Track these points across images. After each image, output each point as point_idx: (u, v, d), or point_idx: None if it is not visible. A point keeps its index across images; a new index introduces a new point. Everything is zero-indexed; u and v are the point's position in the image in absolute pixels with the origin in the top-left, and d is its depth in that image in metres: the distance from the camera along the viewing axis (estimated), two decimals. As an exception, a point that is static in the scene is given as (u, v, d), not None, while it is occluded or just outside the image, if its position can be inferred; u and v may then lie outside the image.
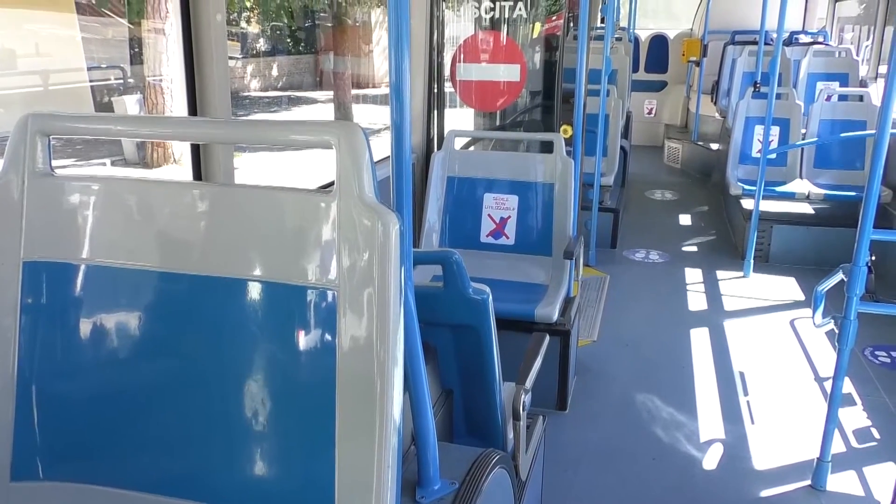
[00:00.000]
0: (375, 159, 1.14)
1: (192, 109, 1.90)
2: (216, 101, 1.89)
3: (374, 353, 1.11)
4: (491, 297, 1.80)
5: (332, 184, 1.16)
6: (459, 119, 4.53)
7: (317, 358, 1.15)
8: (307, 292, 1.15)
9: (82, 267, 1.25)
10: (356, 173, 1.11)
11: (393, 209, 1.37)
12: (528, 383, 1.83)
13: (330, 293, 1.14)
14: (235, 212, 1.19)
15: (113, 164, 9.99)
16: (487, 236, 3.29)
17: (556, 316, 2.87)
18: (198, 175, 1.91)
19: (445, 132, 3.55)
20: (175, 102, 10.03)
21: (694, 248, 5.45)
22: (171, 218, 1.22)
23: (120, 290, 1.25)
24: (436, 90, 3.68)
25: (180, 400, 1.22)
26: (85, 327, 1.26)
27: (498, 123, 4.34)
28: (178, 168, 9.68)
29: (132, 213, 1.23)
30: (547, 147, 3.31)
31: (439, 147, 3.55)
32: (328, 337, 1.14)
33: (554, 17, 4.15)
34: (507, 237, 3.27)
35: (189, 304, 1.22)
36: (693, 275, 4.83)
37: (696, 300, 4.41)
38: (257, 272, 1.18)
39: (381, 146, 1.74)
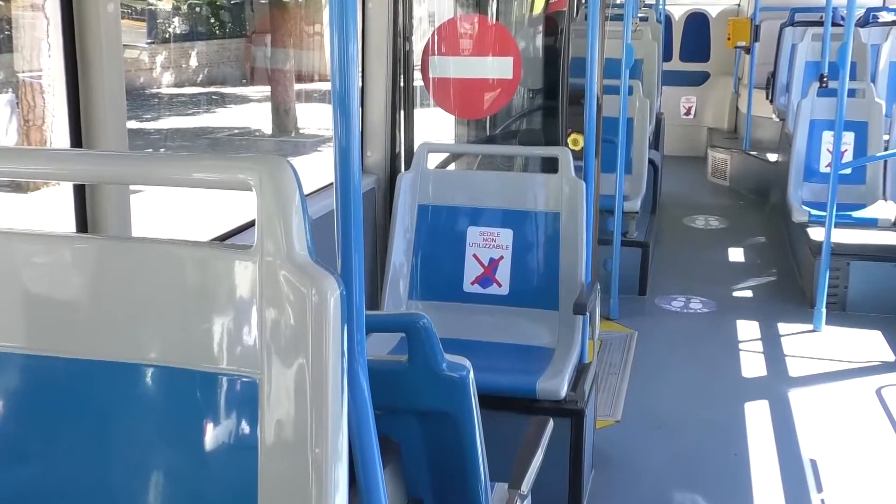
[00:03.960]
0: (323, 183, 1.17)
1: (76, 132, 1.91)
2: (107, 120, 1.90)
3: (308, 449, 1.13)
4: (472, 373, 1.80)
5: (252, 223, 1.18)
6: (435, 126, 4.58)
7: (233, 460, 1.18)
8: (219, 380, 1.17)
9: None
10: (283, 224, 1.13)
11: (338, 258, 1.39)
12: (526, 486, 1.83)
13: (248, 380, 1.16)
14: (128, 274, 1.21)
15: (-26, 187, 9.96)
16: (473, 284, 3.31)
17: (564, 390, 2.88)
18: (82, 218, 1.92)
19: (416, 146, 3.59)
20: (63, 104, 10.02)
21: (748, 294, 5.51)
22: (41, 283, 1.23)
23: None
24: (402, 85, 3.72)
25: None
26: None
27: (486, 133, 4.40)
28: (59, 192, 9.65)
29: None
30: (550, 164, 3.35)
31: (408, 165, 3.58)
32: (247, 432, 1.17)
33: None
34: (500, 285, 3.29)
35: (66, 397, 1.22)
36: (747, 329, 4.88)
37: (753, 363, 4.44)
38: (155, 355, 1.19)
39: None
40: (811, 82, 5.94)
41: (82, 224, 1.94)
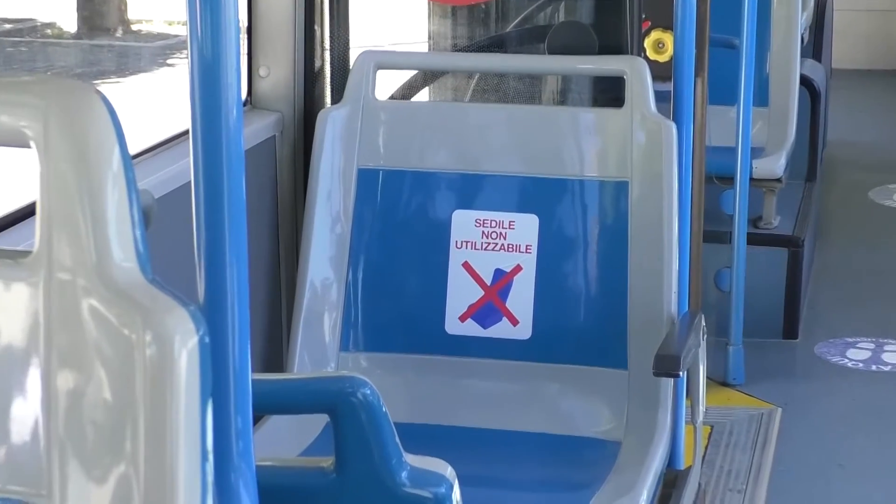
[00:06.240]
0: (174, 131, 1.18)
1: None
2: None
3: None
4: (457, 488, 1.84)
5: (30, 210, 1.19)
6: (392, 19, 4.60)
7: None
8: None
9: None
10: (88, 211, 1.14)
11: (199, 273, 1.40)
12: None
13: None
14: None
15: None
16: (463, 320, 3.35)
17: (641, 522, 2.92)
18: None
19: (352, 59, 3.62)
20: None
21: None
22: None
23: None
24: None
25: None
26: None
27: (489, 32, 4.43)
28: None
29: None
30: (610, 90, 3.40)
31: (338, 95, 3.63)
32: None
33: None
34: (514, 321, 3.33)
35: None
36: None
37: None
38: None
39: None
40: None
41: None
